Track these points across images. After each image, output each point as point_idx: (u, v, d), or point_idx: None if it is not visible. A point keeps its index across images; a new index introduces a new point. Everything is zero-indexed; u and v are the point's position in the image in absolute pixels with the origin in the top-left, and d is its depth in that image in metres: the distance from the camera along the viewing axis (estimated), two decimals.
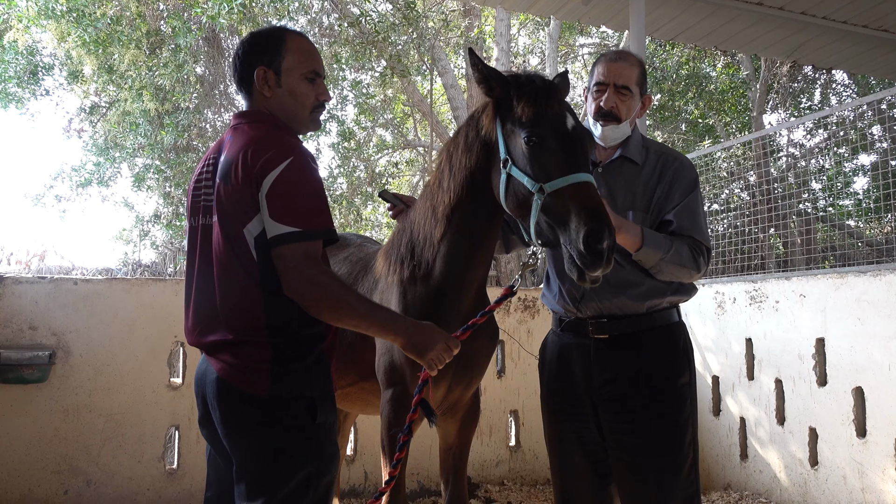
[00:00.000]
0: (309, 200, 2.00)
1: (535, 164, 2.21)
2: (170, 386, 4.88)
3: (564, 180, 2.15)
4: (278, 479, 1.95)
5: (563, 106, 2.34)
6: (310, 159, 2.06)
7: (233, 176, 2.00)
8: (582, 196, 2.13)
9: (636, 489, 2.58)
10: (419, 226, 2.71)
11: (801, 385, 4.99)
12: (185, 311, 2.15)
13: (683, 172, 2.64)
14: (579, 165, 2.20)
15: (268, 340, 1.98)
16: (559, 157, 2.20)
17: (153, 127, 11.28)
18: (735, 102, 14.73)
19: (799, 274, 5.32)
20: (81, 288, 4.74)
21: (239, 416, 1.99)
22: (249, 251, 1.99)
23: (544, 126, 2.24)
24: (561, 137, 2.23)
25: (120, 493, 4.65)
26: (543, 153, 2.21)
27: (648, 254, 2.46)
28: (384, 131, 15.78)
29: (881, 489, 4.40)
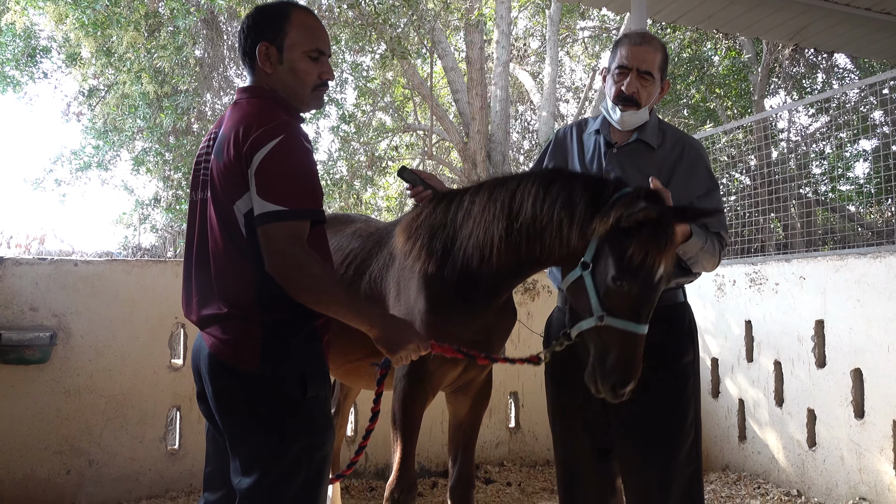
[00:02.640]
0: (297, 179, 1.98)
1: (609, 298, 2.25)
2: (171, 367, 4.89)
3: (624, 325, 2.23)
4: (271, 454, 1.95)
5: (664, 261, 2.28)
6: (302, 138, 2.04)
7: (224, 152, 2.00)
8: (629, 346, 2.24)
9: (638, 467, 2.59)
10: (465, 239, 2.59)
11: (800, 367, 5.01)
12: (183, 285, 2.15)
13: (702, 162, 2.65)
14: (643, 317, 2.25)
15: (258, 316, 1.98)
16: (632, 305, 2.24)
17: (152, 110, 11.24)
18: (736, 86, 14.68)
19: (799, 256, 5.32)
20: (82, 269, 4.74)
21: (230, 391, 2.00)
22: (239, 228, 1.99)
23: (637, 276, 2.23)
24: (643, 290, 2.25)
25: (122, 473, 4.67)
26: (622, 295, 2.23)
27: (692, 244, 2.48)
28: (384, 115, 15.73)
29: (878, 470, 4.43)
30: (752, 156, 9.74)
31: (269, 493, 1.94)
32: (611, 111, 2.66)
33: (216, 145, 2.05)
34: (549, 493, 5.12)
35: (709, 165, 2.67)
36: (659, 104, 2.78)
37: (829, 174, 11.13)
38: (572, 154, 2.79)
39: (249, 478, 1.95)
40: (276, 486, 1.94)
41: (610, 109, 2.66)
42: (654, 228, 2.21)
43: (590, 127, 2.79)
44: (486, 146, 12.04)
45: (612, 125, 2.70)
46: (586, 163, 2.73)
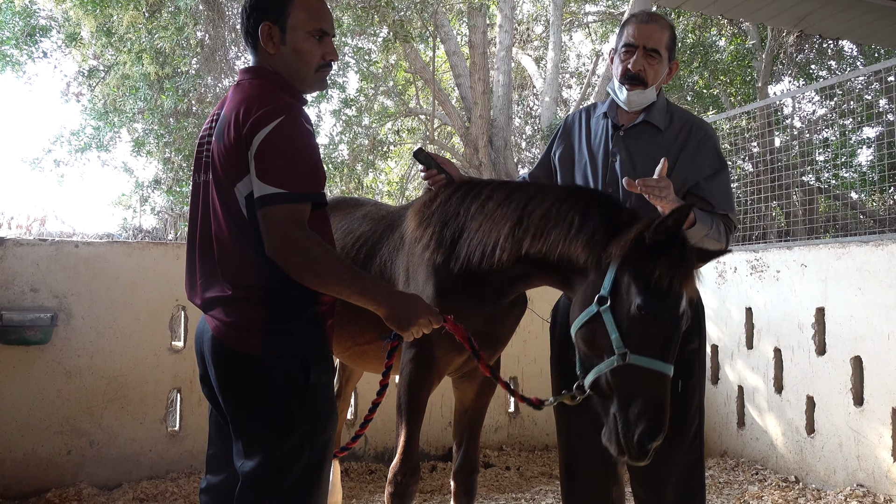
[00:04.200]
0: (298, 161, 1.96)
1: (634, 331, 2.09)
2: (171, 349, 4.90)
3: (650, 363, 2.06)
4: (273, 437, 1.95)
5: (689, 291, 2.18)
6: (303, 119, 2.02)
7: (225, 134, 1.98)
8: (656, 388, 2.07)
9: None
10: (472, 232, 2.56)
11: (799, 354, 5.02)
12: (186, 267, 2.14)
13: (710, 142, 2.63)
14: (670, 355, 2.11)
15: (261, 299, 1.97)
16: (659, 339, 2.10)
17: (153, 91, 11.18)
18: (741, 73, 14.59)
19: (801, 244, 5.32)
20: (82, 251, 4.73)
21: (233, 374, 1.99)
22: (241, 210, 1.97)
23: (665, 304, 2.09)
24: (671, 322, 2.11)
25: (123, 454, 4.69)
26: (648, 327, 2.08)
27: (697, 230, 2.46)
28: (386, 99, 15.66)
29: (877, 456, 4.44)
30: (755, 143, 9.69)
31: (272, 476, 1.94)
32: (617, 91, 2.64)
33: (217, 127, 2.03)
34: (547, 478, 5.14)
35: (717, 146, 2.65)
36: (663, 90, 2.75)
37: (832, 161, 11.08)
38: (580, 139, 2.78)
39: (252, 461, 1.95)
40: (279, 470, 1.94)
41: (616, 89, 2.64)
42: (678, 250, 2.10)
43: (598, 111, 2.78)
44: (488, 131, 11.99)
45: (620, 107, 2.67)
46: (593, 147, 2.71)
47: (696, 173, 2.57)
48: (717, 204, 2.56)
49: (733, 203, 2.64)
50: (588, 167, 2.71)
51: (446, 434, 5.46)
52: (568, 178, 2.78)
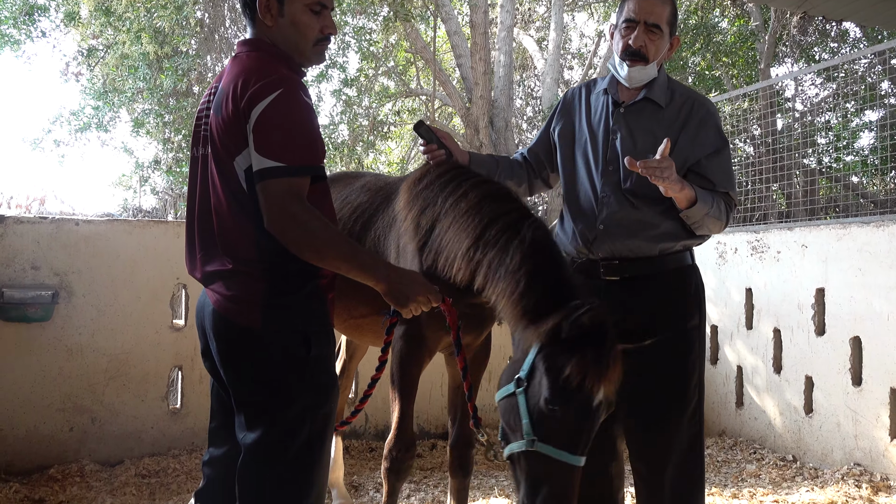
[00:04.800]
0: (296, 135, 1.95)
1: (544, 421, 2.05)
2: (172, 327, 4.91)
3: (558, 454, 2.03)
4: (274, 410, 1.96)
5: (604, 383, 2.07)
6: (302, 92, 2.00)
7: (223, 108, 1.97)
8: (563, 479, 2.04)
9: (640, 429, 2.61)
10: (440, 236, 2.54)
11: (799, 334, 5.03)
12: (186, 241, 2.13)
13: (711, 120, 2.60)
14: (579, 448, 2.05)
15: (261, 273, 1.97)
16: (568, 432, 2.05)
17: (152, 71, 11.14)
18: (743, 54, 14.51)
19: (801, 224, 5.31)
20: (83, 229, 4.73)
21: (234, 348, 2.00)
22: (240, 184, 1.96)
23: (574, 402, 2.04)
24: (579, 417, 2.06)
25: (124, 431, 4.71)
26: (556, 421, 2.04)
27: (697, 209, 2.45)
28: (386, 79, 15.59)
29: (874, 436, 4.47)
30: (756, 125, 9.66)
31: (273, 448, 1.95)
32: (618, 67, 2.61)
33: (215, 100, 2.02)
34: None
35: (719, 124, 2.63)
36: (665, 71, 2.72)
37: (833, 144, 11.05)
38: (579, 116, 2.76)
39: (254, 433, 1.96)
40: (281, 442, 1.95)
41: (617, 66, 2.62)
42: (593, 350, 2.02)
43: (598, 87, 2.75)
44: (489, 112, 11.94)
45: (620, 83, 2.65)
46: (593, 124, 2.70)
47: (698, 151, 2.56)
48: (718, 182, 2.55)
49: (734, 181, 2.63)
50: (588, 145, 2.69)
51: (446, 413, 5.47)
52: (568, 155, 2.76)
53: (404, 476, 3.02)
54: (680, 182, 2.35)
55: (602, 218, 2.59)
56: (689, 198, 2.41)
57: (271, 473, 1.94)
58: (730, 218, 2.59)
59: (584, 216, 2.63)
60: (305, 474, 1.96)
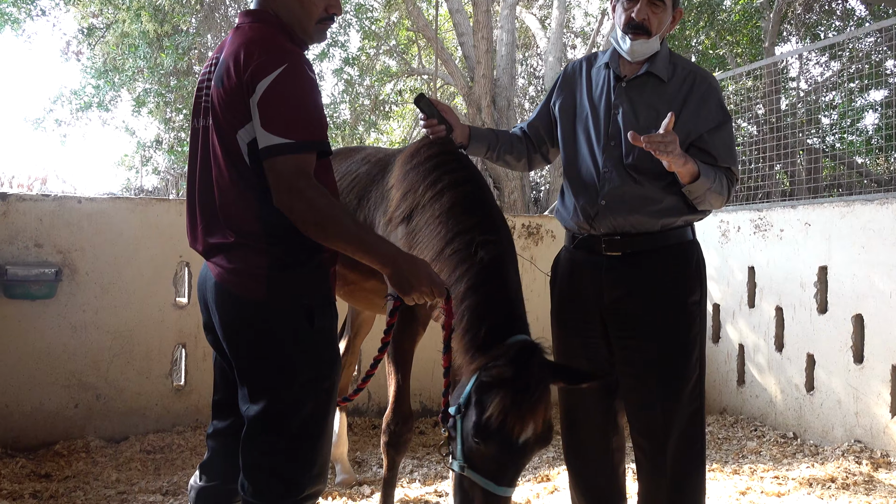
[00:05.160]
0: (302, 110, 1.93)
1: (473, 449, 2.15)
2: (175, 305, 4.92)
3: (484, 482, 2.11)
4: (278, 383, 1.97)
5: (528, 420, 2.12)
6: (306, 66, 1.98)
7: (225, 79, 1.95)
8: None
9: (642, 404, 2.62)
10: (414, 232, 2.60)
11: (801, 312, 5.04)
12: (187, 213, 2.13)
13: (714, 94, 2.59)
14: (504, 480, 2.14)
15: (264, 245, 1.96)
16: (494, 463, 2.13)
17: (152, 49, 11.08)
18: (748, 33, 14.40)
19: (805, 202, 5.30)
20: (86, 206, 4.73)
21: (237, 320, 2.00)
22: (243, 157, 1.95)
23: (494, 439, 2.10)
24: (503, 453, 2.12)
25: (129, 408, 4.75)
26: (481, 452, 2.13)
27: (699, 184, 2.44)
28: (388, 58, 15.50)
29: (875, 413, 4.49)
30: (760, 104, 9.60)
31: (277, 420, 1.96)
32: (620, 41, 2.59)
33: (217, 71, 2.00)
34: None
35: (721, 98, 2.61)
36: (666, 39, 2.70)
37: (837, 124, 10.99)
38: (580, 90, 2.74)
39: (257, 405, 1.96)
40: (284, 414, 1.96)
41: (619, 39, 2.59)
42: (518, 391, 2.07)
43: (599, 61, 2.73)
44: (492, 91, 11.88)
45: (622, 57, 2.63)
46: (594, 98, 2.68)
47: (700, 126, 2.54)
48: (720, 157, 2.54)
49: (736, 156, 2.61)
50: (590, 119, 2.68)
51: None
52: (569, 130, 2.75)
53: (403, 449, 3.06)
54: (683, 157, 2.34)
55: (604, 193, 2.58)
56: (691, 172, 2.40)
57: (275, 445, 1.95)
58: (731, 193, 2.59)
59: (585, 191, 2.63)
60: (309, 446, 1.98)
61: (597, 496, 2.80)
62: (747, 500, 3.79)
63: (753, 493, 3.90)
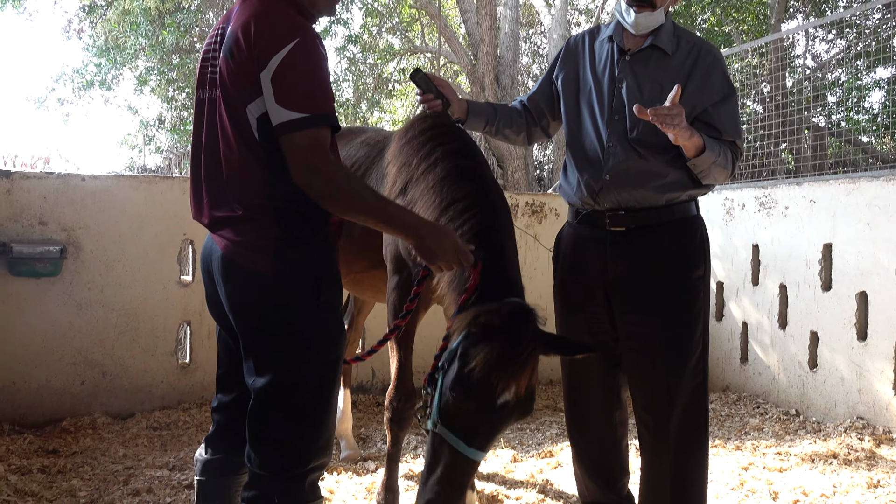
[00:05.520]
0: (316, 85, 1.91)
1: (449, 406, 2.10)
2: (180, 283, 4.94)
3: (454, 441, 2.06)
4: (284, 355, 1.97)
5: (511, 382, 2.06)
6: (317, 40, 1.97)
7: (235, 52, 1.93)
8: (456, 467, 2.06)
9: (645, 378, 2.63)
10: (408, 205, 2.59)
11: (805, 290, 5.03)
12: (191, 186, 2.12)
13: (718, 67, 2.57)
14: (478, 441, 2.07)
15: (272, 218, 1.96)
16: (468, 423, 2.07)
17: (154, 27, 11.01)
18: (754, 10, 14.26)
19: (810, 179, 5.28)
20: (89, 184, 4.73)
21: (244, 293, 2.00)
22: (251, 130, 1.94)
23: (472, 394, 2.05)
24: (480, 410, 2.06)
25: (135, 385, 4.78)
26: (458, 408, 2.08)
27: (705, 157, 2.43)
28: (391, 36, 15.39)
29: (878, 390, 4.50)
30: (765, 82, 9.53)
31: (283, 392, 1.97)
32: (624, 14, 2.56)
33: (225, 43, 1.98)
34: (551, 410, 5.23)
35: (725, 71, 2.59)
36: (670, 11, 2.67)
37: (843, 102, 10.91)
38: (583, 63, 2.72)
39: (263, 378, 1.97)
40: (290, 387, 1.97)
41: (623, 12, 2.57)
42: (506, 346, 2.03)
43: (602, 34, 2.71)
44: (495, 69, 11.80)
45: (626, 30, 2.60)
46: (598, 72, 2.66)
47: (705, 99, 2.53)
48: (725, 131, 2.53)
49: (741, 130, 2.60)
50: (593, 93, 2.66)
51: None
52: (572, 105, 2.73)
53: (406, 425, 3.08)
54: (689, 130, 2.33)
55: (608, 168, 2.57)
56: (697, 146, 2.39)
57: (281, 418, 1.96)
58: (735, 167, 2.58)
59: (589, 166, 2.62)
60: (315, 419, 1.99)
61: (600, 471, 2.82)
62: (749, 475, 3.82)
63: (755, 468, 3.92)
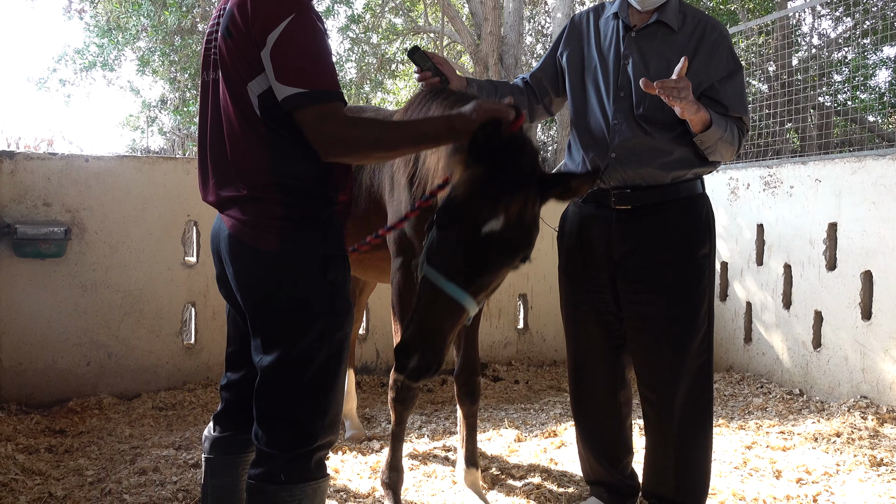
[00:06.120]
0: (316, 59, 1.91)
1: (431, 246, 1.94)
2: (185, 264, 4.94)
3: (434, 276, 1.87)
4: (292, 333, 1.98)
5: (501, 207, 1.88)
6: (314, 15, 1.96)
7: (233, 30, 1.92)
8: (432, 304, 1.87)
9: (650, 356, 2.63)
10: (423, 162, 2.56)
11: (809, 270, 5.02)
12: (199, 166, 2.12)
13: (724, 43, 2.55)
14: (459, 275, 1.86)
15: (278, 197, 1.96)
16: (446, 255, 1.89)
17: (156, 7, 10.95)
18: None
19: (815, 158, 5.25)
20: (93, 165, 4.73)
21: (251, 271, 2.00)
22: (253, 109, 1.94)
23: (457, 215, 1.89)
24: (463, 238, 1.88)
25: (140, 366, 4.80)
26: (440, 239, 1.92)
27: (711, 132, 2.41)
28: (394, 16, 15.28)
29: (881, 369, 4.50)
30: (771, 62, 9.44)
31: (290, 370, 1.98)
32: None
33: (223, 23, 1.97)
34: (555, 391, 5.25)
35: (731, 47, 2.58)
36: None
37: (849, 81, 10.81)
38: (588, 40, 2.70)
39: (270, 356, 1.98)
40: (297, 364, 1.98)
41: None
42: (497, 170, 1.89)
43: (607, 11, 2.69)
44: (499, 49, 11.73)
45: (632, 7, 2.59)
46: (603, 49, 2.64)
47: (711, 75, 2.52)
48: (731, 106, 2.52)
49: (747, 106, 2.59)
50: (599, 70, 2.65)
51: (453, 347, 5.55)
52: (577, 82, 2.72)
53: (410, 405, 3.09)
54: (696, 104, 2.32)
55: (614, 146, 2.56)
56: (703, 120, 2.38)
57: (288, 395, 1.97)
58: (741, 143, 2.56)
59: (595, 144, 2.61)
60: (322, 396, 2.00)
61: (604, 450, 2.84)
62: (753, 454, 3.83)
63: (759, 447, 3.94)
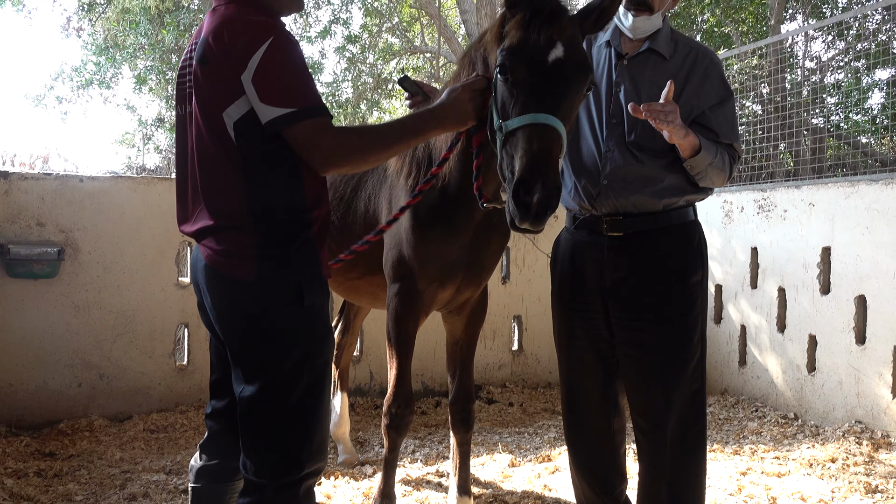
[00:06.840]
0: (298, 78, 1.93)
1: (502, 99, 2.08)
2: (178, 285, 4.93)
3: (520, 120, 2.00)
4: (272, 362, 1.97)
5: (554, 35, 2.08)
6: (290, 36, 1.98)
7: (209, 56, 1.92)
8: (532, 140, 1.97)
9: (643, 384, 2.62)
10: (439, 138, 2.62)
11: (803, 293, 5.03)
12: (177, 199, 2.12)
13: (715, 70, 2.57)
14: (545, 105, 2.01)
15: (252, 226, 1.96)
16: (524, 94, 2.03)
17: (153, 26, 11.00)
18: (753, 11, 14.26)
19: (809, 182, 5.27)
20: (88, 185, 4.72)
21: (228, 301, 2.00)
22: (229, 137, 1.94)
23: (520, 56, 2.05)
24: (533, 72, 2.04)
25: (132, 387, 4.77)
26: (511, 87, 2.06)
27: (700, 158, 2.42)
28: (391, 36, 15.38)
29: (876, 394, 4.50)
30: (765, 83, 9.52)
31: (273, 399, 1.96)
32: (622, 17, 2.56)
33: (198, 51, 1.98)
34: (549, 413, 5.23)
35: (722, 74, 2.59)
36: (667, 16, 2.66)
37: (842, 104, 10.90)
38: None
39: (252, 386, 1.97)
40: (279, 392, 1.96)
41: (622, 16, 2.57)
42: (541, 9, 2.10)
43: (599, 39, 2.70)
44: None
45: (623, 34, 2.61)
46: (595, 77, 2.65)
47: (702, 102, 2.53)
48: (722, 133, 2.53)
49: (738, 133, 2.60)
50: (591, 98, 2.65)
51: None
52: None
53: (404, 432, 3.08)
54: (684, 128, 2.33)
55: (606, 173, 2.56)
56: (693, 145, 2.39)
57: (271, 425, 1.96)
58: (733, 170, 2.57)
59: (587, 171, 2.61)
60: (306, 424, 1.98)
61: (597, 476, 2.81)
62: (748, 480, 3.81)
63: (754, 473, 3.92)
